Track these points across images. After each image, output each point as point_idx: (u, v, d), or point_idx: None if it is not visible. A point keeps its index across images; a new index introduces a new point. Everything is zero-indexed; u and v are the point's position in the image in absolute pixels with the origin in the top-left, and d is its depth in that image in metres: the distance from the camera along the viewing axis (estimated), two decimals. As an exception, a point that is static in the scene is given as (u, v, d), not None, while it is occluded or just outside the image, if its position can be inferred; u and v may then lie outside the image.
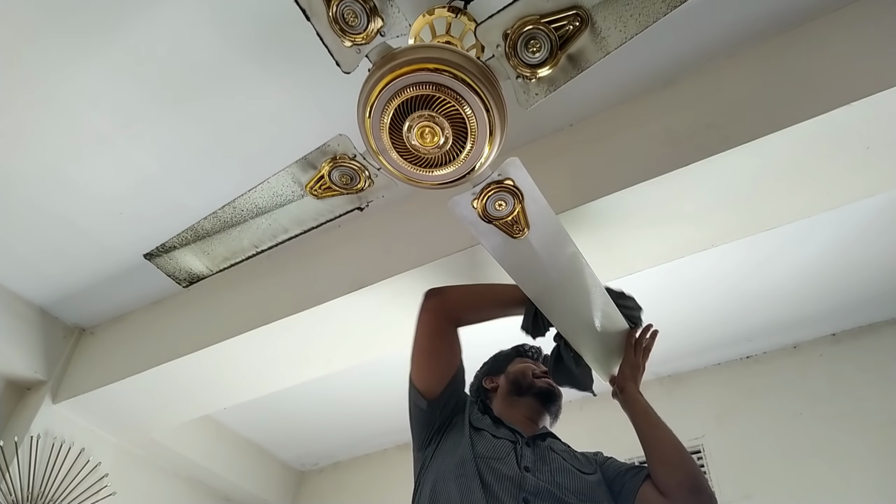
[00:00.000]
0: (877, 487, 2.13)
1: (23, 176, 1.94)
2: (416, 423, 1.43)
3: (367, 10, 0.99)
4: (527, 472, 1.24)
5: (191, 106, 1.75)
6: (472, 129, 1.09)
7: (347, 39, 1.03)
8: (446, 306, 1.51)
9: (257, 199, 1.32)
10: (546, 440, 1.40)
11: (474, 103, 1.06)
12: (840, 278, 2.27)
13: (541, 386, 1.53)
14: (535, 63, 1.04)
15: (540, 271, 1.42)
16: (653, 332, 1.53)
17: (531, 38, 1.02)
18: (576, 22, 0.99)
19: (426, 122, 1.08)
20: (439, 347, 1.46)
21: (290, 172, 1.29)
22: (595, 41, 1.01)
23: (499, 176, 1.24)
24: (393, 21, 1.01)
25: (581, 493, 1.25)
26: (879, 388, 2.30)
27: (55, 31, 1.56)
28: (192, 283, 1.49)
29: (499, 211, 1.29)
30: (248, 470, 3.25)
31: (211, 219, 1.36)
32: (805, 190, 1.60)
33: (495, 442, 1.31)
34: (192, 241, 1.40)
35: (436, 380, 1.41)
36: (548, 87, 1.08)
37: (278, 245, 1.41)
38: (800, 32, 1.56)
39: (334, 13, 0.99)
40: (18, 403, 2.44)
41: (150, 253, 1.44)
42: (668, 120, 1.63)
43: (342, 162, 1.25)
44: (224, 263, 1.45)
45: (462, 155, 1.13)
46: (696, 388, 2.65)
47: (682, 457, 1.28)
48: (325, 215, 1.36)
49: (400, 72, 1.04)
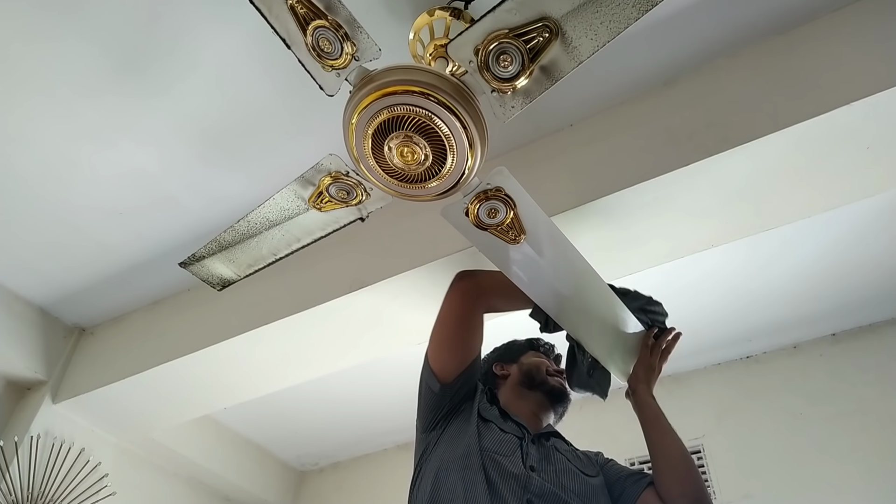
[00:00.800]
0: (877, 487, 2.13)
1: (23, 176, 1.94)
2: (424, 403, 1.40)
3: (340, 37, 1.04)
4: (532, 471, 1.23)
5: (191, 106, 1.75)
6: (450, 145, 1.11)
7: (326, 65, 1.08)
8: (480, 290, 1.50)
9: (267, 214, 1.40)
10: (551, 439, 1.39)
11: (449, 121, 1.08)
12: (840, 278, 2.27)
13: (553, 384, 1.52)
14: (507, 77, 1.05)
15: (542, 275, 1.42)
16: (675, 335, 1.53)
17: (502, 53, 1.02)
18: (545, 33, 1.00)
19: (404, 141, 1.11)
20: (464, 331, 1.44)
21: (292, 189, 1.34)
22: (567, 51, 1.01)
23: (488, 185, 1.26)
24: (365, 46, 1.06)
25: (584, 497, 1.24)
26: (879, 388, 2.30)
27: (55, 31, 1.56)
28: (225, 286, 1.59)
29: (492, 218, 1.31)
30: (248, 470, 3.25)
31: (230, 231, 1.44)
32: (805, 190, 1.60)
33: (502, 436, 1.30)
34: (218, 251, 1.48)
35: (454, 364, 1.39)
36: (523, 100, 1.09)
37: (294, 252, 1.49)
38: (800, 32, 1.56)
39: (310, 42, 1.05)
40: (18, 403, 2.44)
41: (184, 262, 1.52)
42: (668, 120, 1.63)
43: (338, 178, 1.30)
44: (249, 270, 1.53)
45: (444, 170, 1.15)
46: (696, 388, 2.65)
47: (689, 467, 1.28)
48: (332, 225, 1.43)
49: (375, 95, 1.07)
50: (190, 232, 2.16)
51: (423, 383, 1.42)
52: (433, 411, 1.38)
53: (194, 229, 2.15)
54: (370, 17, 1.50)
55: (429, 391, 1.39)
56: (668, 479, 1.26)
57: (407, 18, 1.48)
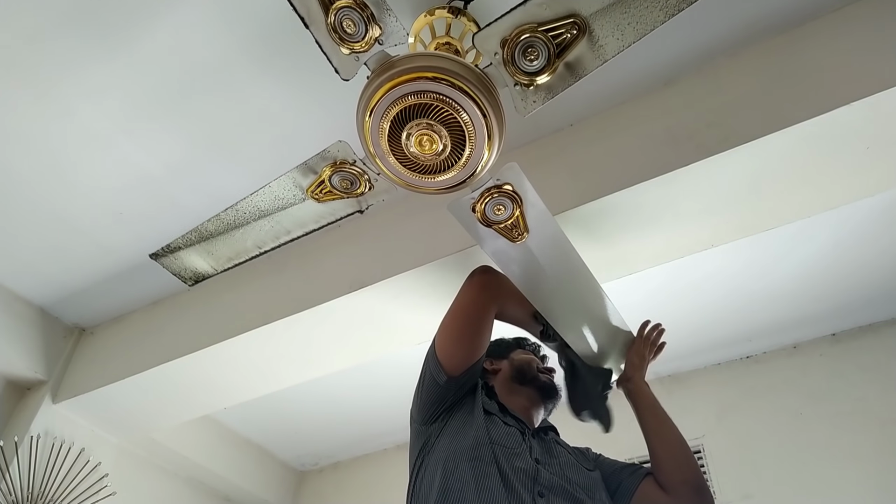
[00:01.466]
0: (877, 487, 2.13)
1: (23, 176, 1.94)
2: (427, 394, 1.37)
3: (365, 18, 0.99)
4: (538, 464, 1.24)
5: (191, 106, 1.75)
6: (469, 136, 1.10)
7: (346, 47, 1.03)
8: (501, 287, 1.48)
9: (259, 203, 1.34)
10: (549, 434, 1.40)
11: (472, 111, 1.07)
12: (840, 278, 2.27)
13: (544, 380, 1.52)
14: (532, 71, 1.05)
15: (541, 274, 1.42)
16: (656, 327, 1.58)
17: (529, 47, 1.02)
18: (573, 30, 0.99)
19: (424, 129, 1.09)
20: (479, 327, 1.41)
21: (291, 177, 1.30)
22: (592, 49, 1.02)
23: (497, 181, 1.25)
24: (391, 30, 1.02)
25: (588, 489, 1.24)
26: (879, 388, 2.30)
27: (55, 31, 1.56)
28: (198, 281, 1.51)
29: (498, 215, 1.30)
30: (248, 470, 3.25)
31: (214, 221, 1.37)
32: (805, 190, 1.60)
33: (507, 429, 1.29)
34: (197, 241, 1.42)
35: (462, 358, 1.36)
36: (545, 95, 1.08)
37: (281, 246, 1.43)
38: (800, 32, 1.56)
39: (332, 22, 1.00)
40: (18, 403, 2.44)
41: (155, 253, 1.46)
42: (668, 120, 1.63)
43: (342, 167, 1.26)
44: (228, 263, 1.47)
45: (461, 161, 1.13)
46: (696, 388, 2.65)
47: (688, 454, 1.29)
48: (327, 218, 1.37)
49: (398, 80, 1.04)
50: (190, 232, 2.16)
51: (427, 374, 1.39)
52: (436, 404, 1.36)
53: (194, 229, 2.15)
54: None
55: (433, 382, 1.36)
56: (669, 467, 1.27)
57: (407, 18, 1.48)
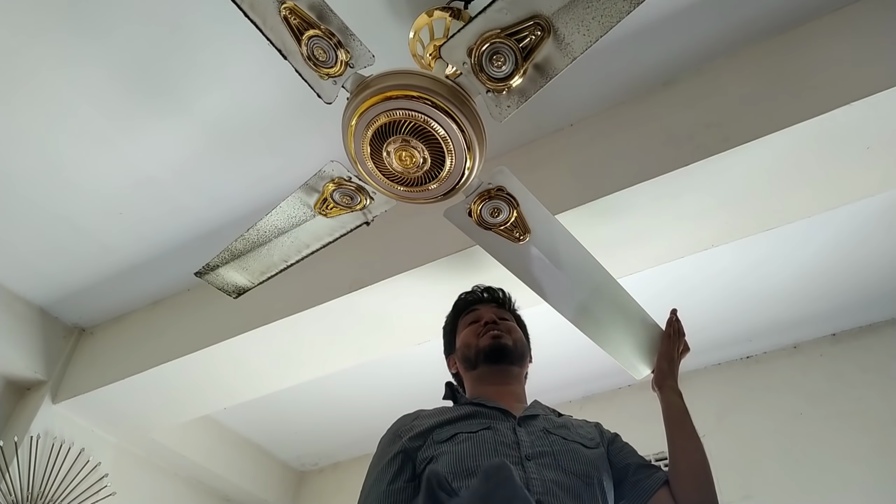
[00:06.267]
0: (877, 487, 2.13)
1: (23, 176, 1.94)
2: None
3: (333, 45, 1.05)
4: (528, 460, 1.10)
5: (191, 106, 1.75)
6: (448, 147, 1.12)
7: (322, 74, 1.09)
8: None
9: (276, 222, 1.41)
10: (538, 418, 1.23)
11: (446, 124, 1.09)
12: (840, 278, 2.27)
13: (483, 346, 1.31)
14: (501, 77, 1.06)
15: (550, 273, 1.42)
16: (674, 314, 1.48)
17: (495, 53, 1.03)
18: (537, 31, 1.00)
19: (402, 145, 1.12)
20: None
21: (297, 197, 1.36)
22: (560, 48, 1.02)
23: (489, 185, 1.26)
24: (358, 53, 1.07)
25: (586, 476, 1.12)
26: (880, 388, 2.30)
27: (55, 31, 1.56)
28: (240, 294, 1.60)
29: (495, 217, 1.32)
30: (248, 470, 3.25)
31: (241, 240, 1.46)
32: (805, 190, 1.60)
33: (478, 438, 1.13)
34: (230, 259, 1.50)
35: None
36: (518, 99, 1.09)
37: (305, 258, 1.50)
38: (800, 32, 1.56)
39: (305, 52, 1.06)
40: (18, 403, 2.44)
41: (199, 271, 1.54)
42: (668, 120, 1.63)
43: (340, 184, 1.31)
44: (262, 277, 1.55)
45: (443, 173, 1.16)
46: (696, 388, 2.64)
47: (709, 476, 1.21)
48: (339, 230, 1.44)
49: (370, 102, 1.08)
50: (190, 232, 2.16)
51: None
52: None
53: (194, 229, 2.15)
54: (369, 17, 1.50)
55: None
56: (688, 485, 1.19)
57: (407, 18, 1.48)
